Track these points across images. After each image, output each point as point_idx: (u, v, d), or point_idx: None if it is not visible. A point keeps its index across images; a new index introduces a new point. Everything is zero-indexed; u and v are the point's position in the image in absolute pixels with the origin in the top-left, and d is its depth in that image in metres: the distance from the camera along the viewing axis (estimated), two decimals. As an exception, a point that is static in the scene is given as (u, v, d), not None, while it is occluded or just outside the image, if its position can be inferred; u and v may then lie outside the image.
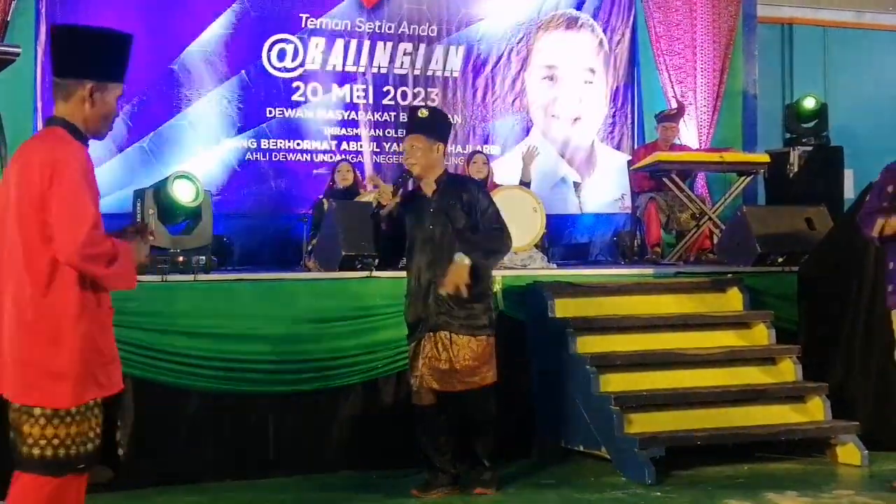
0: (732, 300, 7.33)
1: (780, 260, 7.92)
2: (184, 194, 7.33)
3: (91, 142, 3.65)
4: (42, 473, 3.46)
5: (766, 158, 9.76)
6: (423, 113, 5.98)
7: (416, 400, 5.70)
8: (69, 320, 3.46)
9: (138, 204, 7.24)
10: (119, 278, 3.60)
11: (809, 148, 10.81)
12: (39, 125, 8.88)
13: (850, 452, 6.49)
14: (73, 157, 3.48)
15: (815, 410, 6.71)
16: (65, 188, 3.41)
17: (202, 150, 9.38)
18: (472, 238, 5.60)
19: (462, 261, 5.41)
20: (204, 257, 6.87)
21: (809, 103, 11.22)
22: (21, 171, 3.49)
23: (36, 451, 3.46)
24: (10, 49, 6.54)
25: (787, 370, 6.91)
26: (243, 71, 9.60)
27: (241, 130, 9.54)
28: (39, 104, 8.90)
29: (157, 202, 7.25)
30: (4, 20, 8.57)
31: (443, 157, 5.93)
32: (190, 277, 6.55)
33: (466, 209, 5.66)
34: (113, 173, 9.08)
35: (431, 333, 5.57)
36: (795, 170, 10.54)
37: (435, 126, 5.88)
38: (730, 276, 7.59)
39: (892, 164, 5.91)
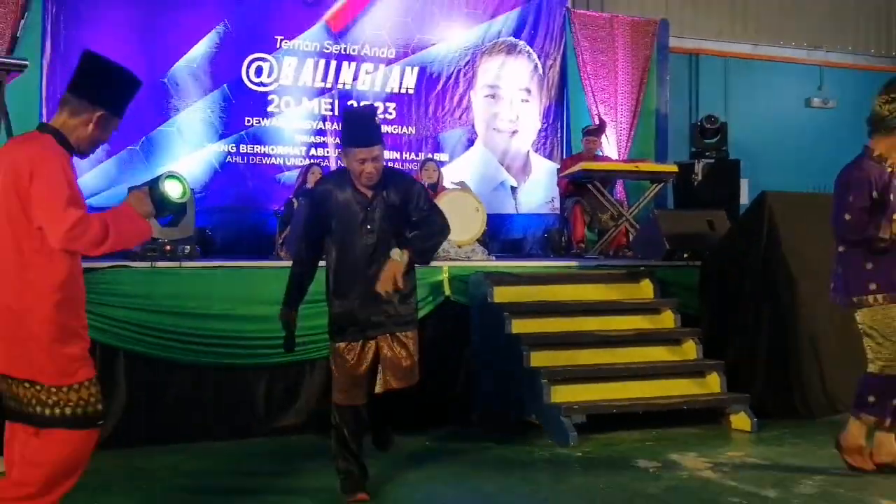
0: (644, 289, 7.37)
1: (685, 255, 7.99)
2: (172, 192, 7.23)
3: None
4: (70, 428, 3.41)
5: (674, 169, 9.82)
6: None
7: (350, 400, 4.69)
8: (50, 308, 3.36)
9: (131, 199, 7.14)
10: (126, 239, 3.53)
11: (711, 160, 10.92)
12: (44, 129, 8.79)
13: (741, 420, 6.54)
14: (54, 157, 3.38)
15: (713, 384, 6.76)
16: (44, 183, 3.31)
17: (188, 153, 9.30)
18: (415, 238, 4.68)
19: (400, 257, 4.46)
20: (188, 247, 6.80)
21: (712, 122, 11.37)
22: (6, 171, 3.38)
23: (67, 411, 3.39)
24: (20, 62, 6.47)
25: (690, 350, 6.95)
26: (225, 85, 9.53)
27: (222, 136, 9.46)
28: (44, 110, 8.77)
29: (149, 198, 7.17)
30: (14, 36, 8.49)
31: None
32: (176, 264, 6.49)
33: (403, 202, 4.70)
34: (108, 172, 9.01)
35: (388, 335, 4.66)
36: (699, 179, 10.65)
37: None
38: (642, 268, 7.62)
39: (860, 165, 5.24)
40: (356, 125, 4.79)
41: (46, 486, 3.42)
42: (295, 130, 9.83)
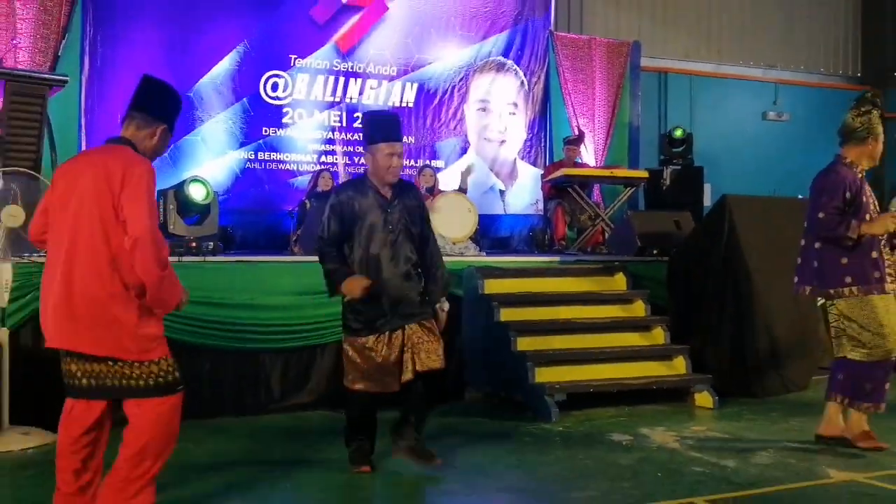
0: (618, 282, 7.37)
1: (654, 252, 8.00)
2: (197, 194, 7.27)
3: None
4: (157, 395, 3.55)
5: (645, 174, 9.84)
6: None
7: (380, 388, 4.54)
8: (134, 296, 3.47)
9: (161, 200, 7.18)
10: (166, 292, 3.50)
11: (678, 167, 10.94)
12: (83, 136, 8.79)
13: (704, 398, 6.55)
14: (144, 168, 3.51)
15: (679, 366, 6.77)
16: (134, 189, 3.42)
17: (212, 160, 9.27)
18: (441, 283, 4.77)
19: (446, 305, 4.77)
20: (212, 243, 6.81)
21: (679, 133, 11.38)
22: (96, 174, 3.47)
23: (151, 381, 3.54)
24: (61, 77, 6.47)
25: (659, 335, 6.97)
26: (245, 98, 9.50)
27: (242, 145, 9.44)
28: (83, 121, 8.77)
29: (177, 199, 7.20)
30: (56, 55, 8.47)
31: None
32: (200, 259, 6.49)
33: (417, 208, 4.73)
34: (141, 177, 8.98)
35: (415, 323, 4.56)
36: (667, 184, 10.66)
37: None
38: (617, 263, 7.62)
39: (835, 170, 5.13)
40: (383, 123, 4.72)
41: (154, 456, 3.56)
42: (307, 139, 9.81)
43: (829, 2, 13.75)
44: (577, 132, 10.61)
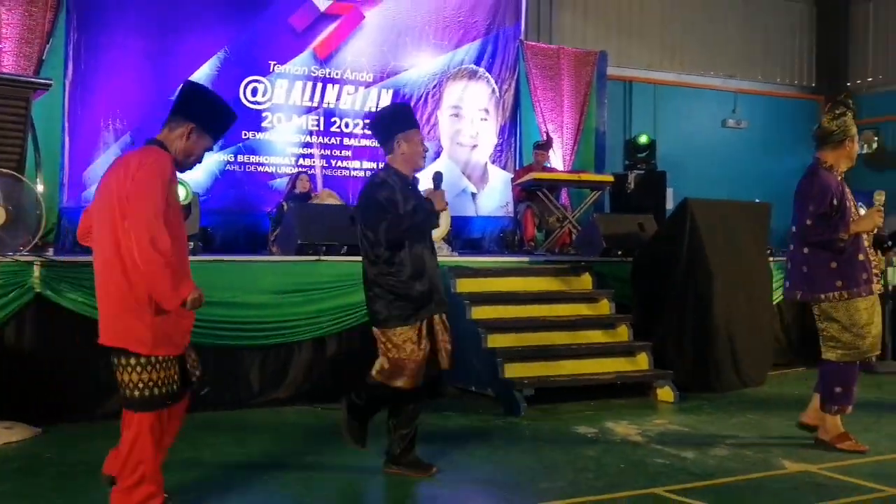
0: (584, 281, 7.39)
1: (619, 253, 8.02)
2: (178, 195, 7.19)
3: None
4: (138, 410, 3.47)
5: (610, 179, 9.86)
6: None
7: (416, 382, 4.34)
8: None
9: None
10: (162, 280, 3.36)
11: (642, 172, 10.99)
12: (66, 139, 8.68)
13: (666, 393, 6.58)
14: (156, 161, 3.48)
15: (642, 362, 6.79)
16: (140, 181, 3.39)
17: (192, 162, 9.20)
18: None
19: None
20: (192, 243, 6.75)
21: (643, 139, 11.45)
22: (117, 172, 3.51)
23: (136, 394, 3.46)
24: (45, 81, 6.39)
25: (623, 333, 6.98)
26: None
27: (222, 147, 9.33)
28: (67, 123, 8.67)
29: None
30: (40, 59, 8.39)
31: None
32: (182, 258, 6.42)
33: None
34: (123, 178, 8.89)
35: (438, 316, 4.41)
36: (632, 187, 10.70)
37: None
38: (583, 263, 7.64)
39: (818, 175, 5.03)
40: (407, 112, 4.58)
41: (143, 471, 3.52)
42: (285, 143, 9.74)
43: (785, 15, 13.89)
44: (545, 137, 10.62)
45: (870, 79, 13.67)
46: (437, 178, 4.86)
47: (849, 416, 5.14)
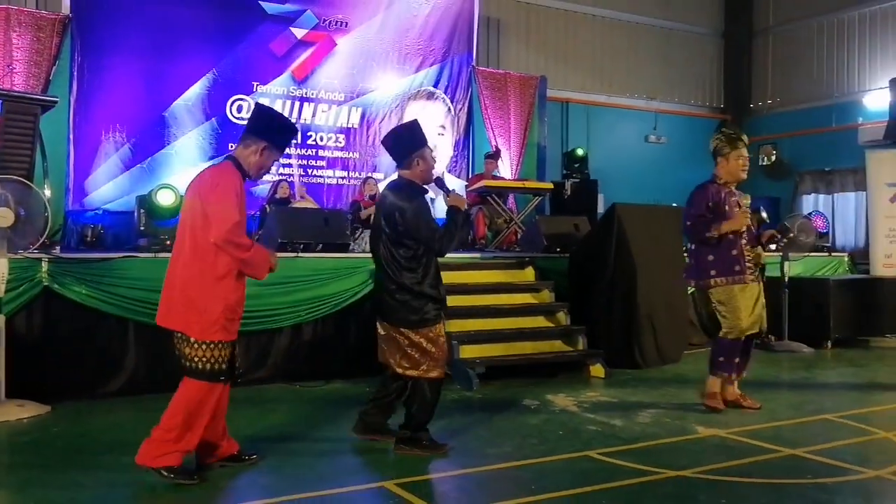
0: (528, 274, 7.42)
1: (558, 249, 8.04)
2: (165, 200, 7.16)
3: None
4: (199, 379, 3.61)
5: (550, 186, 9.93)
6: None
7: (444, 372, 4.24)
8: (216, 286, 3.55)
9: (136, 206, 7.03)
10: (254, 266, 3.61)
11: (577, 180, 11.07)
12: (71, 149, 8.52)
13: (598, 370, 6.62)
14: (229, 179, 3.57)
15: (578, 344, 6.83)
16: (217, 197, 3.50)
17: (184, 170, 9.02)
18: None
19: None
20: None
21: (578, 152, 11.54)
22: (198, 183, 3.62)
23: (195, 365, 3.60)
24: (52, 98, 6.26)
25: (561, 318, 7.01)
26: (213, 118, 9.34)
27: (211, 158, 9.21)
28: (71, 136, 8.52)
29: (148, 205, 7.08)
30: (48, 79, 8.25)
31: None
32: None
33: None
34: (122, 185, 8.76)
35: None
36: (568, 194, 10.78)
37: None
38: (527, 259, 7.65)
39: (703, 186, 5.25)
40: (422, 132, 4.34)
41: (183, 428, 3.60)
42: (267, 154, 9.66)
43: (698, 47, 14.10)
44: (495, 150, 10.67)
45: (770, 101, 13.93)
46: (440, 181, 4.46)
47: (752, 387, 5.26)
